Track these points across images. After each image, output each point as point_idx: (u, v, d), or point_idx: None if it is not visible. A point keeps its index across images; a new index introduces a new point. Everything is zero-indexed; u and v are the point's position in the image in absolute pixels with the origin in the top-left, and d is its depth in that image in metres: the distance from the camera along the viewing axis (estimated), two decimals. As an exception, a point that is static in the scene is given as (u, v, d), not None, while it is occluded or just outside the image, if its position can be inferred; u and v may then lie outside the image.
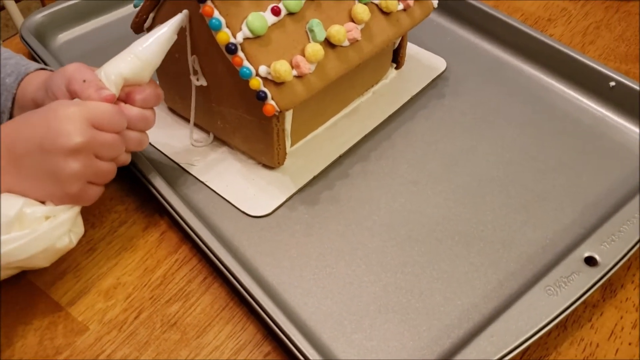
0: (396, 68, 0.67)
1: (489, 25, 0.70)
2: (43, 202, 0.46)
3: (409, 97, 0.65)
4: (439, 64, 0.68)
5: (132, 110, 0.49)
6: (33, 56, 0.68)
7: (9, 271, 0.47)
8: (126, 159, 0.51)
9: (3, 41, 0.75)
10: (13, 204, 0.45)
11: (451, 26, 0.73)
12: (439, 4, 0.64)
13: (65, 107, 0.46)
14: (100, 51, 0.70)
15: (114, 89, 0.48)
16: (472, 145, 0.60)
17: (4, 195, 0.45)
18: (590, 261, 0.47)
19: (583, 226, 0.53)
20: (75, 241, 0.48)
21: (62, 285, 0.50)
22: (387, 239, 0.53)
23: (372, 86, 0.65)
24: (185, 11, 0.51)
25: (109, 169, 0.48)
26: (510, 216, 0.54)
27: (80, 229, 0.49)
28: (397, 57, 0.66)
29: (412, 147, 0.60)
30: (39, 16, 0.72)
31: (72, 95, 0.49)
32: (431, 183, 0.57)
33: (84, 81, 0.48)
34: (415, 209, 0.55)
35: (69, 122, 0.45)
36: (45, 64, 0.65)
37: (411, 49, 0.69)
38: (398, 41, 0.65)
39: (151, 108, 0.51)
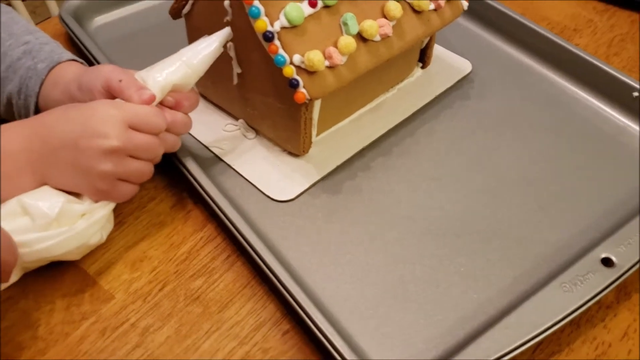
0: (422, 67, 0.69)
1: (516, 31, 0.72)
2: (77, 195, 0.48)
3: (433, 97, 0.66)
4: (465, 66, 0.69)
5: (176, 116, 0.52)
6: (71, 37, 0.70)
7: (40, 263, 0.48)
8: (159, 158, 0.52)
9: (41, 22, 0.77)
10: (55, 203, 0.46)
11: (478, 30, 0.75)
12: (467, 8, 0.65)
13: (106, 108, 0.48)
14: (135, 36, 0.73)
15: (159, 93, 0.50)
16: (493, 146, 0.62)
17: (45, 191, 0.47)
18: (607, 262, 0.48)
19: (600, 230, 0.54)
20: (105, 237, 0.50)
21: (91, 255, 0.51)
22: (406, 232, 0.54)
23: (398, 83, 0.67)
24: (229, 27, 0.53)
25: (143, 170, 0.50)
26: (529, 216, 0.55)
27: (111, 225, 0.51)
28: (423, 56, 0.68)
29: (435, 144, 0.62)
30: (76, 1, 0.74)
31: (111, 94, 0.51)
32: (452, 180, 0.58)
33: (120, 81, 0.50)
34: (434, 204, 0.56)
35: (107, 124, 0.47)
36: (83, 45, 0.67)
37: (438, 49, 0.70)
38: (426, 41, 0.66)
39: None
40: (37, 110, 0.56)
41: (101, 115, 0.47)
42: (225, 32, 0.53)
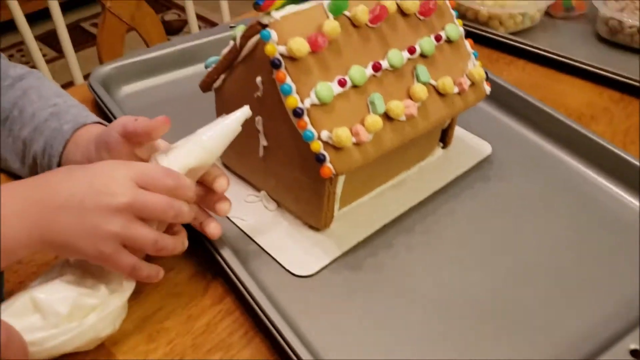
0: (443, 147, 0.70)
1: (535, 116, 0.73)
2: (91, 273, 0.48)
3: (454, 176, 0.67)
4: (485, 148, 0.70)
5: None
6: (98, 103, 0.71)
7: (50, 358, 0.46)
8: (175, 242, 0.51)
9: (70, 88, 0.79)
10: (66, 298, 0.45)
11: (498, 114, 0.76)
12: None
13: (113, 166, 0.48)
14: (161, 105, 0.75)
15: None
16: (514, 228, 0.62)
17: (57, 286, 0.46)
18: (637, 354, 0.47)
19: (625, 319, 0.53)
20: (118, 326, 0.48)
21: (107, 323, 0.50)
22: (427, 313, 0.53)
23: (420, 162, 0.68)
24: (247, 106, 0.53)
25: (149, 237, 0.47)
26: (551, 302, 0.55)
27: (125, 312, 0.49)
28: (445, 137, 0.69)
29: (456, 225, 0.62)
30: (107, 68, 0.76)
31: (128, 139, 0.51)
32: (473, 262, 0.58)
33: (136, 119, 0.51)
34: (456, 286, 0.56)
35: (115, 182, 0.46)
36: (110, 111, 0.68)
37: (459, 131, 0.71)
38: (447, 122, 0.67)
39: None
40: None
41: (108, 173, 0.47)
42: (245, 111, 0.52)
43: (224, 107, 0.61)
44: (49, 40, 2.42)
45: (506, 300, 0.55)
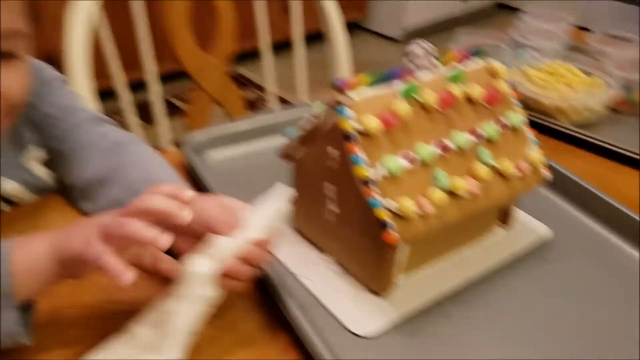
0: (504, 227, 0.73)
1: (594, 204, 0.76)
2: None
3: (513, 256, 0.69)
4: (544, 231, 0.73)
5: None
6: (189, 166, 0.79)
7: None
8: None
9: (163, 151, 0.88)
10: None
11: (559, 200, 0.79)
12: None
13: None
14: (245, 171, 0.82)
15: (219, 263, 0.54)
16: (569, 310, 0.63)
17: None
18: None
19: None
20: None
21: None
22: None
23: (480, 239, 0.71)
24: (284, 187, 0.60)
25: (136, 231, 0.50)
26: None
27: None
28: (505, 217, 0.72)
29: (512, 301, 0.64)
30: (199, 135, 0.85)
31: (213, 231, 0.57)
32: (526, 338, 0.60)
33: (215, 226, 0.57)
34: None
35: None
36: (198, 174, 0.76)
37: (519, 213, 0.75)
38: (508, 202, 0.71)
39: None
40: None
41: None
42: (285, 198, 0.59)
43: (300, 175, 0.67)
44: (139, 109, 2.61)
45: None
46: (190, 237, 0.58)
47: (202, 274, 0.53)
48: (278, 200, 0.59)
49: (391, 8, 3.50)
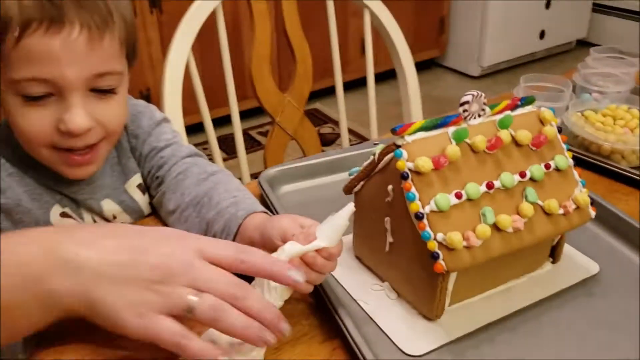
0: (553, 262, 0.78)
1: (636, 238, 0.79)
2: None
3: (560, 289, 0.74)
4: (592, 267, 0.77)
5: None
6: (264, 197, 0.89)
7: None
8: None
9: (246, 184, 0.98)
10: None
11: (608, 237, 0.83)
12: (597, 216, 0.74)
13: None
14: (313, 203, 0.90)
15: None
16: (613, 344, 0.67)
17: None
18: None
19: None
20: None
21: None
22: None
23: (529, 272, 0.76)
24: (352, 206, 0.66)
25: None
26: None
27: None
28: (554, 252, 0.77)
29: (556, 331, 0.68)
30: (273, 171, 0.95)
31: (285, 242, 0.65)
32: (569, 365, 0.64)
33: (293, 235, 0.65)
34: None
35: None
36: (272, 205, 0.85)
37: (569, 249, 0.79)
38: (557, 239, 0.76)
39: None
40: None
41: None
42: (348, 213, 0.65)
43: (360, 208, 0.75)
44: (222, 142, 2.78)
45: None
46: (269, 250, 0.66)
47: None
48: (344, 217, 0.66)
49: (469, 46, 3.56)
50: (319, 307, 0.71)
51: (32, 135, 0.71)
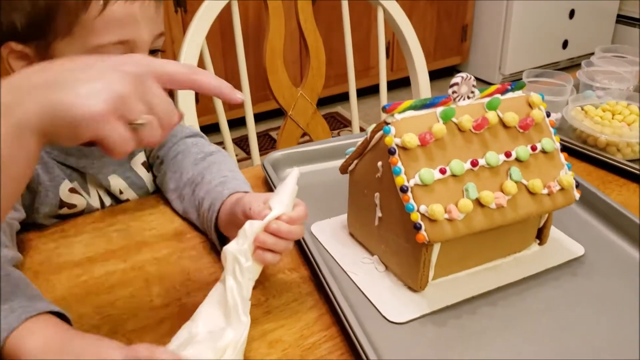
0: (539, 244, 0.80)
1: (630, 228, 0.81)
2: None
3: (544, 268, 0.76)
4: (578, 249, 0.80)
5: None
6: (268, 180, 0.93)
7: None
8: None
9: (249, 168, 1.02)
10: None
11: (596, 222, 0.85)
12: (585, 200, 0.77)
13: None
14: (313, 186, 0.94)
15: (249, 240, 0.64)
16: (590, 319, 0.69)
17: (199, 348, 0.59)
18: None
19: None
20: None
21: (241, 328, 0.67)
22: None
23: (515, 253, 0.78)
24: (297, 170, 0.70)
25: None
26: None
27: (245, 343, 0.62)
28: (541, 234, 0.79)
29: (537, 306, 0.71)
30: (277, 154, 0.99)
31: (246, 217, 0.67)
32: (546, 339, 0.67)
33: (250, 209, 0.68)
34: (526, 357, 0.64)
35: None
36: (274, 185, 0.89)
37: (556, 232, 0.82)
38: (543, 221, 0.78)
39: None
40: (217, 223, 0.77)
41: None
42: (295, 174, 0.69)
43: (354, 186, 0.78)
44: (241, 143, 2.83)
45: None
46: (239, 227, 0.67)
47: (237, 250, 0.63)
48: (292, 182, 0.69)
49: (492, 54, 3.57)
50: (312, 278, 0.75)
51: None
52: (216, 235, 0.78)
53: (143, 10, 0.74)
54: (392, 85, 3.21)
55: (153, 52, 0.79)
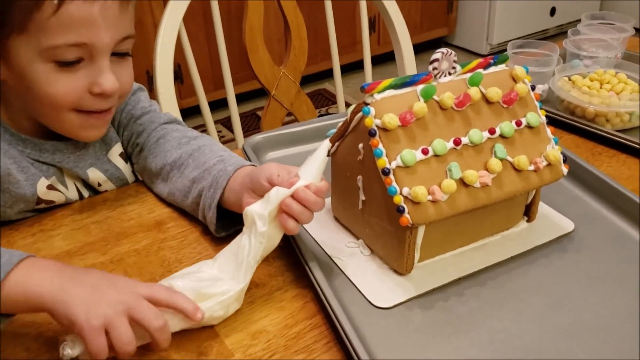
0: (528, 221, 0.78)
1: (620, 202, 0.80)
2: None
3: (533, 246, 0.75)
4: (567, 225, 0.78)
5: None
6: (247, 163, 0.90)
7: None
8: None
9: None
10: (193, 287, 0.63)
11: (586, 197, 0.84)
12: (574, 174, 0.75)
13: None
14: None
15: (273, 205, 0.65)
16: (581, 296, 0.68)
17: (190, 279, 0.64)
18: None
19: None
20: (231, 312, 0.65)
21: (225, 320, 0.66)
22: (484, 355, 0.61)
23: (503, 231, 0.77)
24: (327, 142, 0.70)
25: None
26: None
27: (239, 304, 0.65)
28: (529, 211, 0.78)
29: (526, 285, 0.70)
30: (258, 137, 0.96)
31: (272, 184, 0.68)
32: (536, 318, 0.65)
33: (278, 176, 0.67)
34: (513, 334, 0.63)
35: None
36: (254, 169, 0.87)
37: (544, 207, 0.80)
38: (531, 197, 0.76)
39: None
40: (220, 201, 0.75)
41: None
42: (325, 146, 0.70)
43: (336, 169, 0.76)
44: (228, 123, 2.80)
45: (558, 353, 0.61)
46: (259, 194, 0.69)
47: (258, 213, 0.65)
48: (322, 153, 0.69)
49: (479, 24, 3.52)
50: (295, 264, 0.73)
51: (61, 99, 0.73)
52: (215, 215, 0.76)
53: (104, 11, 0.70)
54: (381, 60, 3.18)
55: (119, 55, 0.75)
